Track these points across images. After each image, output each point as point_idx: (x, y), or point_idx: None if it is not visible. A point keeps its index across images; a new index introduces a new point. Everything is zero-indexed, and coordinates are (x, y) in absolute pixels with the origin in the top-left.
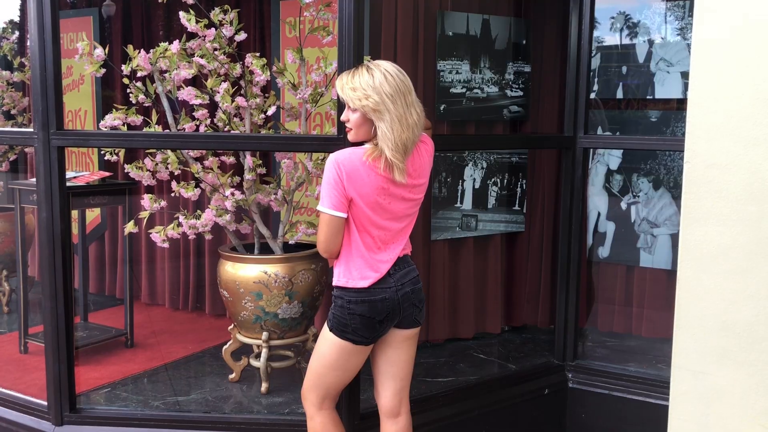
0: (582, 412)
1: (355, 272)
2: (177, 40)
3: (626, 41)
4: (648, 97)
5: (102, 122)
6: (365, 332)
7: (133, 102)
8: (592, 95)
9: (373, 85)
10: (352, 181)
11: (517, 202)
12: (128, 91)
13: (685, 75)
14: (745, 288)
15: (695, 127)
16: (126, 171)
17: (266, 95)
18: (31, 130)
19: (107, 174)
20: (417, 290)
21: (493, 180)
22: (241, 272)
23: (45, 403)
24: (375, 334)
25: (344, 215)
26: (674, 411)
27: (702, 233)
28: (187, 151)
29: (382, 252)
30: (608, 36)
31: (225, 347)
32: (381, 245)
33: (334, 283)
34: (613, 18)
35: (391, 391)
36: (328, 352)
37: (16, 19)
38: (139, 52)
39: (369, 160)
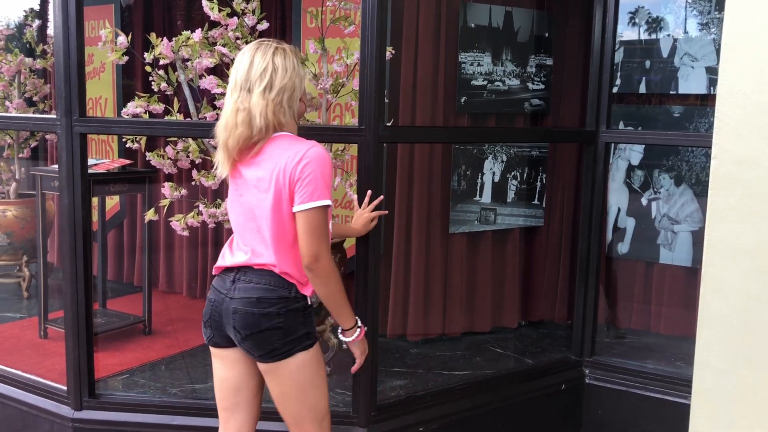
0: (599, 408)
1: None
2: (199, 29)
3: (650, 36)
4: (671, 92)
5: (124, 110)
6: (205, 328)
7: (155, 90)
8: (615, 89)
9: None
10: None
11: (536, 197)
12: (150, 79)
13: (709, 70)
14: None
15: (723, 122)
16: (147, 159)
17: None
18: (54, 116)
19: (127, 162)
20: (246, 313)
21: (512, 173)
22: None
23: (64, 387)
24: (208, 335)
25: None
26: (696, 408)
27: (728, 230)
28: (208, 139)
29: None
30: (631, 30)
31: None
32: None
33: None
34: (636, 12)
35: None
36: None
37: (37, 7)
38: (162, 40)
39: None
